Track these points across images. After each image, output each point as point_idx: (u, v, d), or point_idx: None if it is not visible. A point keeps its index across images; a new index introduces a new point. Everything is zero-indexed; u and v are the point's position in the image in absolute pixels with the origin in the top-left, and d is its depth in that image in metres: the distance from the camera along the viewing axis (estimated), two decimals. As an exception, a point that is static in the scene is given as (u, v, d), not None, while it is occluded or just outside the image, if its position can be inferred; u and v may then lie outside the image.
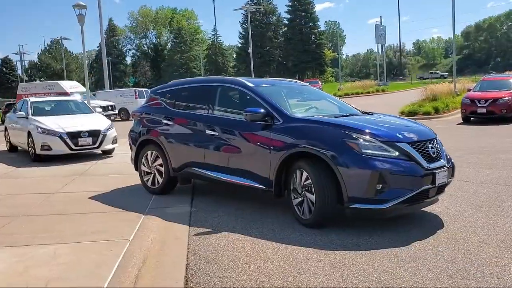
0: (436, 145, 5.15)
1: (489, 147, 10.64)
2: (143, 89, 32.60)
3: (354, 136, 4.78)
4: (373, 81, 53.83)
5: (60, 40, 64.04)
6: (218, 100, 6.22)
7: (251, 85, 5.94)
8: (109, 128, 11.25)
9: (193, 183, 7.22)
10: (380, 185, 4.59)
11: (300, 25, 77.91)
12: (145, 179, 7.06)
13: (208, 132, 6.04)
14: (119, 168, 9.39)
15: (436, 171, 4.86)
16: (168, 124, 6.69)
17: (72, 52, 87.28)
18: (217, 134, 5.94)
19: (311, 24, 78.55)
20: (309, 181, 4.89)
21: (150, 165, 6.95)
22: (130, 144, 7.50)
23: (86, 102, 14.38)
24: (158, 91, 7.30)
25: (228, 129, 5.85)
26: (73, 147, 10.55)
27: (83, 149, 10.75)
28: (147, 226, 5.16)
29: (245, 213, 5.70)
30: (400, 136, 4.88)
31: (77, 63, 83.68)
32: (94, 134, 10.80)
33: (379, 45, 63.05)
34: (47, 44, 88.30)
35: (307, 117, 5.35)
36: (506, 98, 16.60)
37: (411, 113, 19.76)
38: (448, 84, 26.54)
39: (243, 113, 5.51)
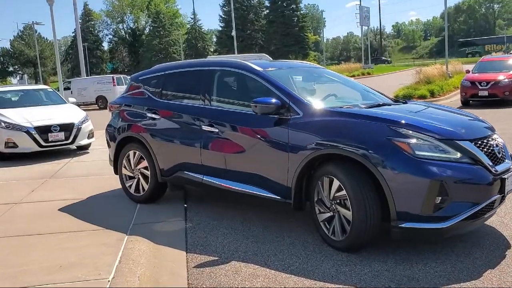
0: (499, 142, 4.08)
1: (506, 133, 9.67)
2: (122, 76, 30.92)
3: (402, 132, 3.66)
4: (358, 64, 52.78)
5: (32, 25, 61.16)
6: (217, 88, 5.02)
7: (258, 68, 4.74)
8: (84, 120, 9.91)
9: (185, 187, 6.03)
10: (440, 198, 3.50)
11: (282, 8, 76.08)
12: (127, 185, 5.85)
13: (205, 128, 4.86)
14: (97, 168, 8.13)
15: (505, 176, 3.79)
16: (153, 118, 5.48)
17: (46, 38, 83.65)
18: (217, 130, 4.76)
19: (293, 6, 76.75)
20: (343, 192, 3.77)
21: (133, 167, 5.74)
22: (108, 142, 6.26)
23: None
24: (140, 78, 6.03)
25: (230, 124, 4.67)
26: (43, 143, 9.20)
27: (54, 145, 9.39)
28: (132, 255, 3.98)
29: (255, 229, 4.56)
30: (461, 132, 3.79)
31: (51, 49, 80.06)
32: (66, 127, 9.46)
33: (364, 27, 61.88)
34: (20, 30, 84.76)
35: (336, 109, 4.19)
36: (507, 80, 15.76)
37: (406, 97, 18.78)
38: (440, 65, 25.67)
39: (251, 105, 4.33)
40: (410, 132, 3.65)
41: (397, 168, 3.56)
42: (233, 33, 38.01)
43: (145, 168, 5.58)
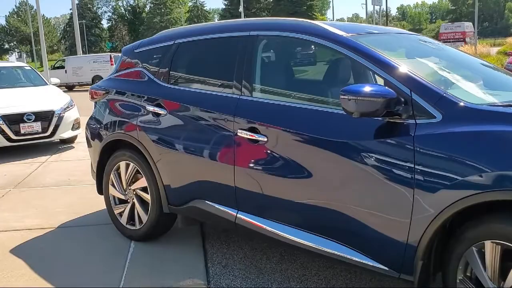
0: None
1: None
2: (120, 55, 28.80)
3: None
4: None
5: (26, 0, 58.50)
6: (263, 68, 3.03)
7: (340, 32, 2.74)
8: (68, 107, 7.90)
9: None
10: None
11: (289, -15, 73.27)
12: (116, 212, 3.90)
13: (243, 134, 2.88)
14: (80, 171, 6.16)
15: None
16: (157, 113, 3.49)
17: (43, 15, 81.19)
18: (264, 139, 2.78)
19: (302, -17, 73.91)
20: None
21: (124, 187, 3.79)
22: (88, 142, 4.30)
23: None
24: (137, 51, 4.00)
25: (291, 130, 2.69)
26: (13, 136, 7.19)
27: (28, 139, 7.39)
28: None
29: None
30: None
31: (48, 26, 77.59)
32: (44, 116, 7.44)
33: (371, 8, 59.35)
34: (16, 5, 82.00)
35: (506, 110, 2.20)
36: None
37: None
38: (468, 47, 23.60)
39: (340, 97, 2.33)
40: None
41: None
42: (241, 9, 35.60)
43: (143, 189, 3.63)
